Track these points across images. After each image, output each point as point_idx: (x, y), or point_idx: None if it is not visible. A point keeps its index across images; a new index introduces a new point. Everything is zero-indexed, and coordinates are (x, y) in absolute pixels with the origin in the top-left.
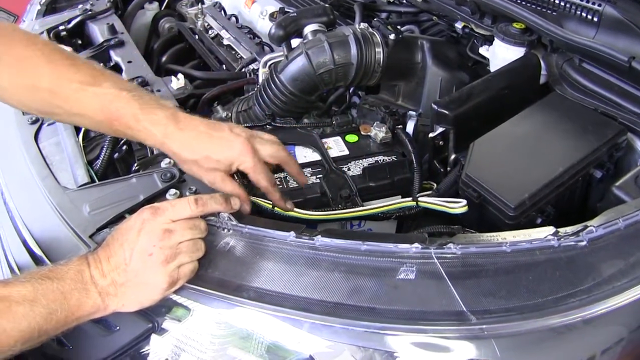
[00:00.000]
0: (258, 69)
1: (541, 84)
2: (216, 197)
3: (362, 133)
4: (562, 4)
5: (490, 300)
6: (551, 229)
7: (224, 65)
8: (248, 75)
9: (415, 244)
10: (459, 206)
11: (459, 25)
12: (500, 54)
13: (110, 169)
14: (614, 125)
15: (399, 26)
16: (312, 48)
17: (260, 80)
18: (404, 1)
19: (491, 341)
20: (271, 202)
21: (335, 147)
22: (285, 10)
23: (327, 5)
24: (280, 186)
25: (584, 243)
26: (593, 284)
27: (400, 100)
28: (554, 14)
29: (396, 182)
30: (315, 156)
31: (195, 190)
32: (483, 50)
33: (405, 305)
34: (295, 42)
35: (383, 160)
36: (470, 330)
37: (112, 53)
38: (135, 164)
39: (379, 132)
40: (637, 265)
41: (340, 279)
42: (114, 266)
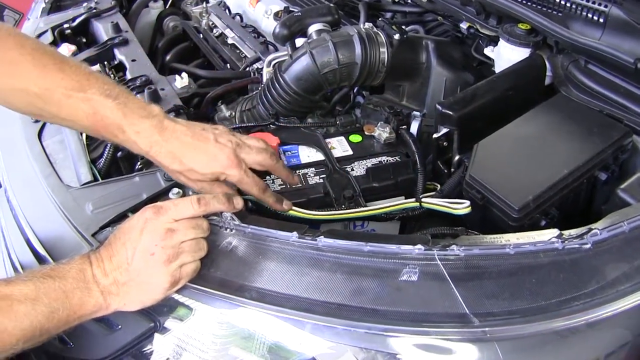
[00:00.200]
0: (262, 68)
1: (546, 85)
2: (219, 197)
3: (366, 133)
4: (568, 4)
5: (493, 303)
6: (555, 232)
7: (228, 64)
8: (252, 74)
9: (418, 246)
10: (462, 207)
11: (464, 25)
12: (506, 54)
13: (113, 167)
14: (620, 127)
15: (403, 26)
16: (317, 47)
17: (264, 80)
18: (409, 1)
19: (494, 344)
20: None
21: (339, 147)
22: (290, 9)
23: (332, 4)
24: (283, 186)
25: (589, 246)
26: (597, 287)
27: (404, 100)
28: (560, 14)
29: (400, 183)
30: (318, 156)
31: None
32: (488, 50)
33: (407, 306)
34: (299, 42)
35: (387, 160)
36: (473, 332)
37: (117, 51)
38: (139, 163)
39: (382, 133)
40: None
41: (342, 280)
42: (116, 265)
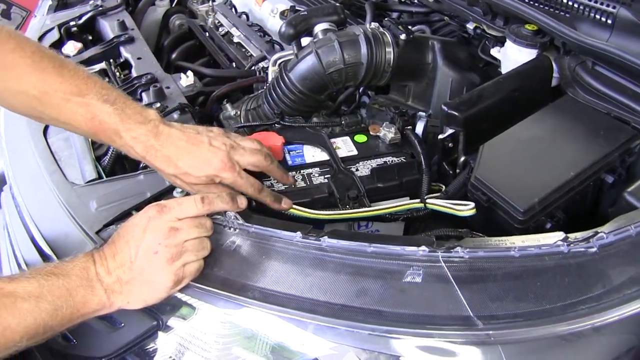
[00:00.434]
0: (268, 67)
1: (553, 87)
2: (223, 196)
3: (371, 133)
4: (576, 5)
5: (498, 306)
6: (561, 235)
7: (234, 63)
8: (257, 73)
9: (423, 247)
10: (467, 209)
11: (470, 25)
12: (512, 55)
13: (118, 165)
14: (627, 130)
15: (410, 26)
16: (322, 47)
17: (269, 79)
18: (416, 1)
19: (498, 347)
20: None
21: (344, 147)
22: (296, 8)
23: (338, 4)
24: (287, 185)
25: (594, 249)
26: (603, 292)
27: (410, 100)
28: (567, 15)
29: (404, 184)
30: (323, 156)
31: None
32: (494, 51)
33: (411, 308)
34: (305, 41)
35: (392, 161)
36: (476, 335)
37: (122, 49)
38: None
39: (388, 133)
40: None
41: (346, 281)
42: (120, 263)
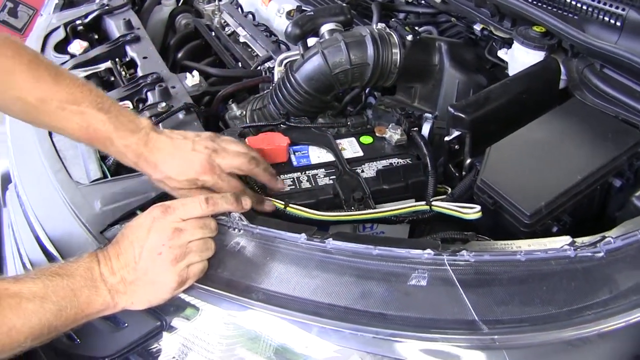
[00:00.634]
0: (273, 67)
1: (560, 89)
2: (227, 197)
3: (377, 135)
4: (584, 7)
5: (503, 310)
6: (567, 239)
7: (240, 63)
8: (263, 73)
9: (428, 250)
10: (472, 212)
11: (477, 27)
12: (520, 57)
13: (122, 165)
14: (635, 133)
15: (416, 27)
16: (329, 47)
17: (275, 79)
18: (423, 2)
19: (503, 352)
20: (283, 202)
21: (350, 148)
22: (303, 8)
23: (345, 4)
24: (293, 186)
25: (602, 254)
26: (610, 297)
27: (416, 102)
28: (576, 17)
29: (410, 186)
30: (329, 157)
31: None
32: (502, 53)
33: (416, 312)
34: (311, 41)
35: (397, 162)
36: (481, 340)
37: (128, 48)
38: None
39: (394, 134)
40: None
41: (350, 283)
42: (124, 264)
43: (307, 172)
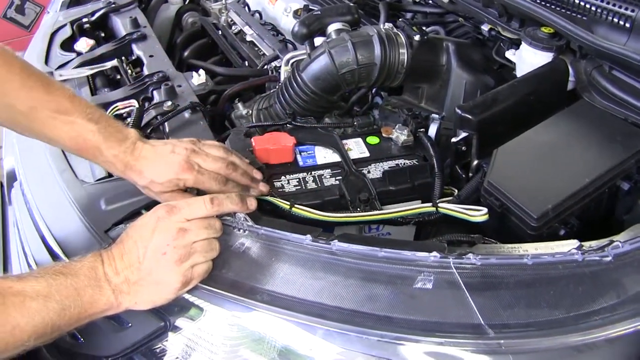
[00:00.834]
0: (280, 67)
1: (568, 91)
2: (232, 197)
3: (384, 135)
4: (593, 8)
5: (509, 314)
6: (575, 243)
7: (246, 62)
8: (270, 72)
9: (434, 253)
10: (479, 214)
11: (485, 27)
12: (528, 58)
13: None
14: None
15: (424, 27)
16: (335, 47)
17: (281, 78)
18: (430, 2)
19: (509, 357)
20: (289, 203)
21: (356, 149)
22: (309, 7)
23: (352, 4)
24: (299, 187)
25: (609, 258)
26: (617, 302)
27: (423, 102)
28: (584, 18)
29: (416, 187)
30: (335, 157)
31: None
32: (509, 54)
33: (421, 315)
34: (318, 41)
35: (404, 163)
36: (487, 344)
37: (134, 46)
38: None
39: (400, 135)
40: None
41: (356, 286)
42: (128, 264)
43: (313, 173)
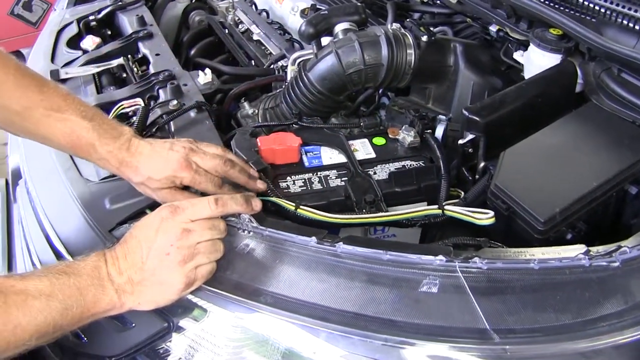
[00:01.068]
0: (287, 66)
1: (577, 93)
2: (237, 198)
3: (390, 136)
4: (602, 10)
5: (515, 319)
6: (582, 247)
7: (253, 61)
8: (276, 72)
9: (440, 256)
10: (485, 218)
11: (493, 28)
12: (536, 60)
13: None
14: None
15: (431, 27)
16: (342, 47)
17: (288, 78)
18: (438, 2)
19: None
20: (294, 204)
21: (362, 150)
22: (317, 7)
23: (359, 3)
24: (304, 187)
25: (617, 264)
26: (625, 308)
27: (430, 103)
28: (593, 20)
29: (423, 189)
30: (341, 158)
31: None
32: (517, 55)
33: (426, 319)
34: (325, 40)
35: (410, 165)
36: (493, 350)
37: (141, 45)
38: None
39: (407, 136)
40: None
41: (360, 289)
42: (131, 264)
43: (319, 173)
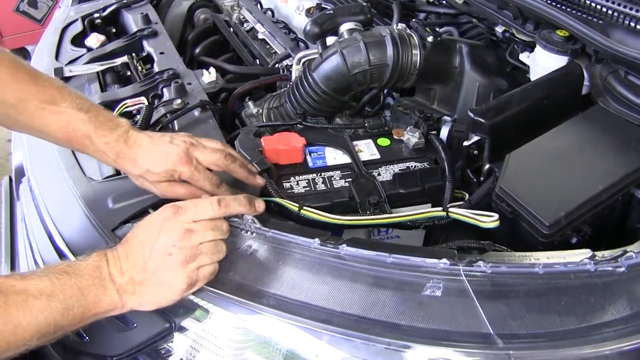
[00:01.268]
0: (291, 66)
1: (583, 96)
2: (240, 199)
3: (395, 137)
4: (609, 12)
5: (519, 324)
6: (587, 252)
7: (258, 60)
8: (281, 71)
9: (444, 260)
10: (490, 221)
11: (499, 29)
12: (542, 61)
13: None
14: None
15: (437, 28)
16: (348, 47)
17: (293, 77)
18: (444, 2)
19: None
20: (297, 205)
21: (366, 151)
22: (322, 6)
23: (365, 3)
24: (308, 188)
25: (623, 269)
26: (630, 314)
27: (435, 104)
28: (600, 22)
29: (427, 190)
30: (345, 159)
31: None
32: (523, 56)
33: (429, 323)
34: (330, 40)
35: (415, 166)
36: (496, 355)
37: (145, 43)
38: None
39: (411, 137)
40: None
41: (363, 291)
42: (133, 264)
43: (323, 174)
